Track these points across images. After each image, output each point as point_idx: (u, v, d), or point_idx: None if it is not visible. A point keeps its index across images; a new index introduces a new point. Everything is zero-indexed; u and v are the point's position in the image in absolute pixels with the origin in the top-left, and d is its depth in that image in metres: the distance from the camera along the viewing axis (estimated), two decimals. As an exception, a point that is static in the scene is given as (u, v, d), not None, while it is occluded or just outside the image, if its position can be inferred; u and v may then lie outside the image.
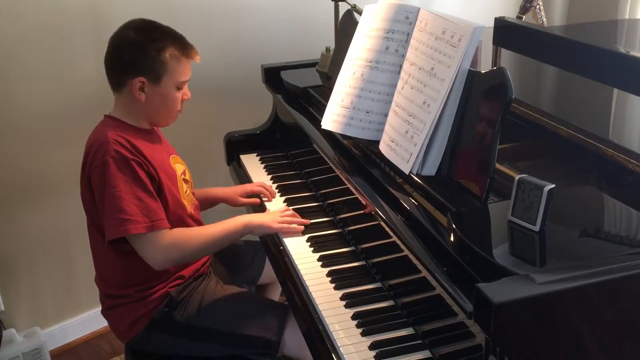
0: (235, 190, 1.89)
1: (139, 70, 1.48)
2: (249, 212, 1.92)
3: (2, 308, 2.15)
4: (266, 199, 1.84)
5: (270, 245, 1.64)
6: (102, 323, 2.36)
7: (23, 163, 2.11)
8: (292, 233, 1.60)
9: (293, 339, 1.54)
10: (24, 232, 2.17)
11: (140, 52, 1.48)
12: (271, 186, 1.88)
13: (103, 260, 1.59)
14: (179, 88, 1.54)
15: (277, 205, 1.80)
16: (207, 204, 1.87)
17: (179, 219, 1.58)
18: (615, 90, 1.67)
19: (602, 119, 1.58)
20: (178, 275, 1.60)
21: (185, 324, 1.56)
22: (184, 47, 1.52)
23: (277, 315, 1.58)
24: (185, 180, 1.66)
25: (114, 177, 1.43)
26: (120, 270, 1.55)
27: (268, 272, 1.87)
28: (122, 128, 1.52)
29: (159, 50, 1.48)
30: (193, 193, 1.72)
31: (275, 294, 2.02)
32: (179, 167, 1.66)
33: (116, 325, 1.63)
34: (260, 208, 1.82)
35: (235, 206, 1.89)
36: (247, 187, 1.89)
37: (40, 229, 2.20)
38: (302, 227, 1.63)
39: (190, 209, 1.65)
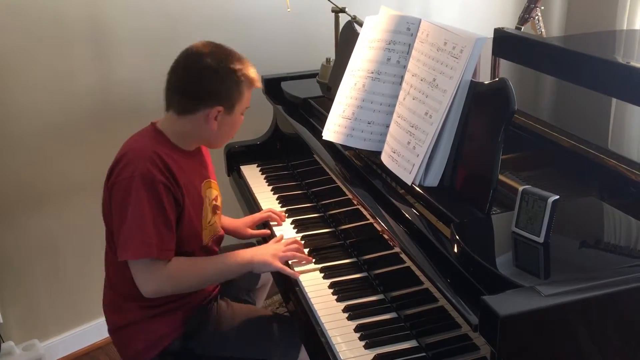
0: (243, 222, 1.81)
1: (218, 100, 1.46)
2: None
3: (1, 320, 2.13)
4: (275, 223, 1.76)
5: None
6: (100, 335, 2.35)
7: (22, 174, 2.10)
8: (290, 274, 1.51)
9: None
10: (22, 244, 2.16)
11: (220, 82, 1.46)
12: (281, 211, 1.80)
13: (119, 267, 1.50)
14: (242, 114, 1.54)
15: (287, 230, 1.73)
16: None
17: (189, 252, 1.52)
18: (614, 100, 1.67)
19: (601, 128, 1.58)
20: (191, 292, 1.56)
21: (201, 354, 1.53)
22: (255, 76, 1.51)
23: (292, 333, 1.55)
24: (215, 207, 1.61)
25: (139, 195, 1.39)
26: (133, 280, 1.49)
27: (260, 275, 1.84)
28: (165, 145, 1.48)
29: (238, 81, 1.47)
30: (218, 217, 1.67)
31: (262, 296, 2.00)
32: (211, 193, 1.60)
33: (125, 348, 1.58)
34: (271, 237, 1.76)
35: (244, 239, 1.82)
36: (255, 217, 1.80)
37: (39, 241, 2.19)
38: (308, 261, 1.56)
39: (207, 240, 1.58)
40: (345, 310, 1.37)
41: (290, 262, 1.56)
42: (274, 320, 1.64)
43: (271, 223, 1.78)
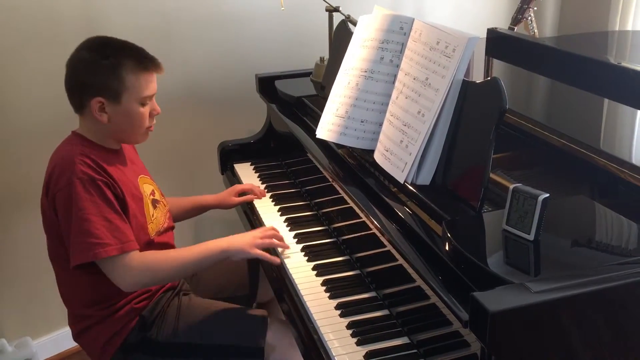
0: (227, 192, 1.90)
1: (96, 91, 1.42)
2: (241, 213, 1.93)
3: (-7, 318, 2.13)
4: (255, 196, 1.88)
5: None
6: (93, 333, 2.35)
7: (18, 172, 2.09)
8: (269, 260, 1.52)
9: (280, 343, 1.53)
10: (14, 242, 2.15)
11: (93, 72, 1.42)
12: (259, 187, 1.92)
13: (67, 280, 1.54)
14: (143, 104, 1.47)
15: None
16: (195, 211, 1.88)
17: (140, 245, 1.51)
18: (606, 100, 1.69)
19: (593, 128, 1.59)
20: (144, 289, 1.56)
21: (163, 342, 1.53)
22: (141, 60, 1.44)
23: (256, 321, 1.56)
24: (154, 201, 1.61)
25: (81, 199, 1.38)
26: (86, 288, 1.50)
27: (267, 290, 1.82)
28: (89, 147, 1.47)
29: (114, 67, 1.41)
30: (170, 208, 1.71)
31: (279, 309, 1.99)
32: (148, 188, 1.60)
33: (90, 349, 1.58)
34: (251, 209, 1.84)
35: (229, 208, 1.91)
36: (236, 187, 1.91)
37: (32, 239, 2.18)
38: (283, 248, 1.58)
39: (153, 234, 1.58)
40: (337, 307, 1.38)
41: (278, 250, 1.59)
42: (239, 310, 1.63)
43: (252, 196, 1.88)
